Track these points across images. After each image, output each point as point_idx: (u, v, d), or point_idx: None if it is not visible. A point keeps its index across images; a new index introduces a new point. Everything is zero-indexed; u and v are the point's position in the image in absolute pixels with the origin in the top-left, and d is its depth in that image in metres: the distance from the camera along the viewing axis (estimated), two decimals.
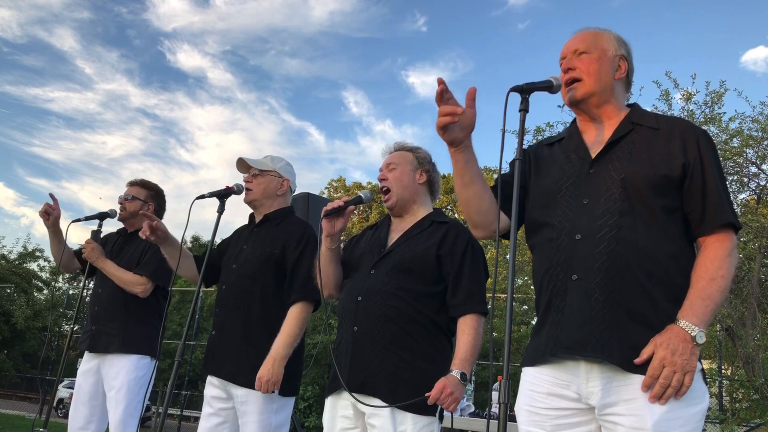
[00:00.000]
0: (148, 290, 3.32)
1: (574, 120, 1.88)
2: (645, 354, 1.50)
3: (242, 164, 2.90)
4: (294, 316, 2.62)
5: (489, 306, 2.26)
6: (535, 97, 1.69)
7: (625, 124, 1.74)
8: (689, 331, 1.49)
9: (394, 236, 2.41)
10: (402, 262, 2.29)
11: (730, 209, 1.65)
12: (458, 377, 2.14)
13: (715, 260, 1.58)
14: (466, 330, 2.22)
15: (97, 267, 3.37)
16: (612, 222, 1.62)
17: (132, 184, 3.61)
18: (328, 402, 2.34)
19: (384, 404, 2.15)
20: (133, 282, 3.30)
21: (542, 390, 1.67)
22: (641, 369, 1.51)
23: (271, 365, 2.52)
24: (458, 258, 2.29)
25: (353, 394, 2.17)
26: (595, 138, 1.77)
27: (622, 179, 1.64)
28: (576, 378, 1.61)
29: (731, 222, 1.63)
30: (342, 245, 2.59)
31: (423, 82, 46.75)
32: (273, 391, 2.55)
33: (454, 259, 2.28)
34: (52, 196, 3.47)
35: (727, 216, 1.63)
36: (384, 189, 2.44)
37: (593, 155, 1.72)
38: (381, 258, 2.33)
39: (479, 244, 2.37)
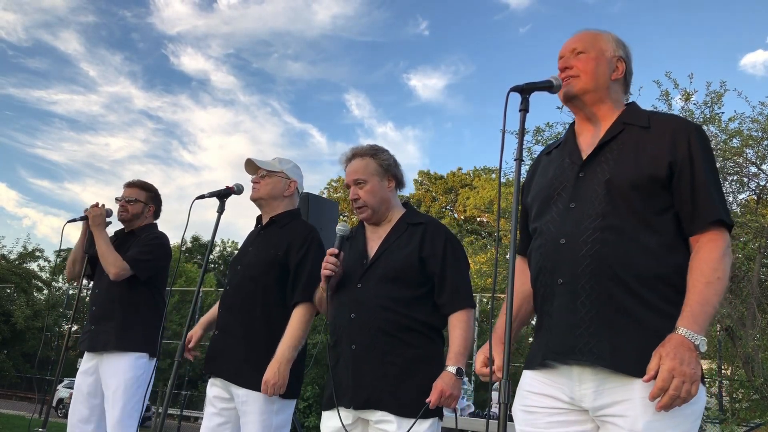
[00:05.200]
0: (122, 276, 3.27)
1: (573, 123, 1.88)
2: (652, 369, 1.43)
3: (250, 165, 2.89)
4: (297, 318, 2.62)
5: (489, 306, 2.26)
6: (535, 98, 1.69)
7: (617, 124, 1.73)
8: (692, 340, 1.44)
9: (373, 246, 2.39)
10: (387, 273, 2.28)
11: (721, 206, 1.60)
12: (453, 372, 2.16)
13: (710, 262, 1.54)
14: (458, 325, 2.25)
15: (93, 232, 3.37)
16: (596, 224, 1.61)
17: (131, 185, 3.59)
18: (326, 414, 2.32)
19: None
20: (112, 262, 3.26)
21: (537, 391, 1.68)
22: (633, 370, 1.50)
23: (277, 368, 2.51)
24: (439, 257, 2.30)
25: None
26: (590, 140, 1.76)
27: (607, 181, 1.63)
28: (569, 381, 1.61)
29: (722, 219, 1.58)
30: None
31: (425, 85, 46.83)
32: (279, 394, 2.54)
33: (436, 259, 2.30)
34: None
35: (718, 213, 1.58)
36: (358, 207, 2.42)
37: (584, 158, 1.72)
38: (366, 271, 2.32)
39: (456, 239, 2.40)
